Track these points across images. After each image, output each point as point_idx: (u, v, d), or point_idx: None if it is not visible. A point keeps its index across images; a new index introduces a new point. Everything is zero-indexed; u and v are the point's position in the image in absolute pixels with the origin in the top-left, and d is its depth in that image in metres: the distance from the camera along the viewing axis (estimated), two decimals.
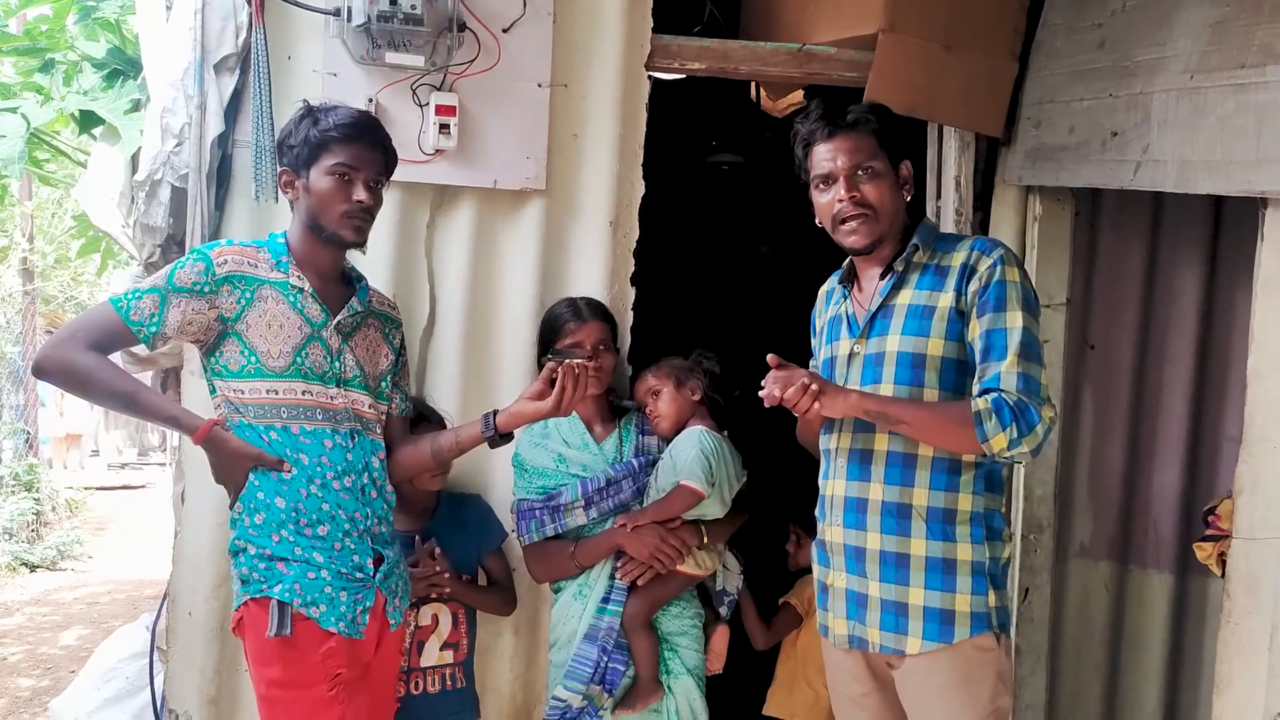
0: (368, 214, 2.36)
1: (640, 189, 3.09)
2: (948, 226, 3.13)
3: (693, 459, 2.66)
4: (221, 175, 2.83)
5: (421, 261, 3.01)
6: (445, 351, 3.01)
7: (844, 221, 2.24)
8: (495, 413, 2.44)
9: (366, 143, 2.36)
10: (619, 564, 2.70)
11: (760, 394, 2.10)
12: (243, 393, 2.33)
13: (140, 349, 2.87)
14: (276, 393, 2.33)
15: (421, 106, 2.91)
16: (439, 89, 2.92)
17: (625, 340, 3.06)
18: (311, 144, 2.32)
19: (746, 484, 2.82)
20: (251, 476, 2.33)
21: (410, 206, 2.98)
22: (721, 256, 5.25)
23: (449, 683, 2.79)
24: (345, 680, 2.29)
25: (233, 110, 2.84)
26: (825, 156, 2.25)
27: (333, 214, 2.33)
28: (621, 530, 2.67)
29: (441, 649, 2.78)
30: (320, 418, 2.36)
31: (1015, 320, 2.15)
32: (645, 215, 3.13)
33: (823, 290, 2.56)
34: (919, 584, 2.18)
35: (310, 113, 2.37)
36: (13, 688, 4.88)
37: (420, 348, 3.01)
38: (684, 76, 5.55)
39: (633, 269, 3.09)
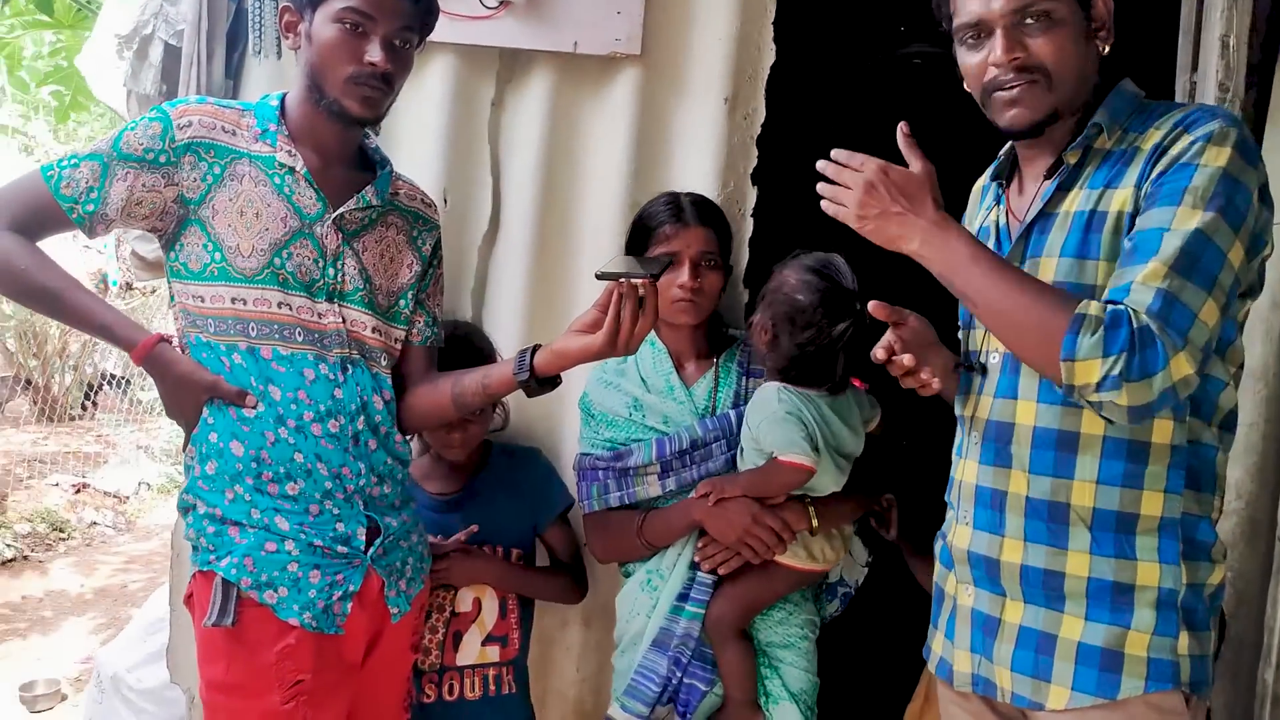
0: (384, 82, 1.75)
1: (770, 55, 2.33)
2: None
3: (776, 424, 1.92)
4: (237, 35, 2.27)
5: (484, 149, 2.37)
6: (510, 264, 2.38)
7: (999, 90, 1.53)
8: (535, 349, 1.78)
9: None
10: (699, 544, 2.00)
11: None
12: (202, 300, 1.76)
13: (149, 248, 2.38)
14: (244, 303, 1.76)
15: None
16: None
17: (741, 257, 2.33)
18: None
19: (892, 455, 2.06)
20: (205, 412, 1.77)
21: (469, 78, 2.34)
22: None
23: (493, 687, 2.18)
24: (309, 689, 1.72)
25: None
26: None
27: (335, 75, 1.73)
28: (701, 502, 1.97)
29: (484, 643, 2.18)
30: (301, 340, 1.77)
31: (1188, 219, 1.38)
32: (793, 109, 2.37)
33: (976, 188, 1.84)
34: (1076, 613, 1.52)
35: None
36: (122, 619, 4.68)
37: (479, 260, 2.38)
38: None
39: (755, 162, 2.34)
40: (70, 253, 6.45)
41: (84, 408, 9.01)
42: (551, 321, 2.33)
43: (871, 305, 1.59)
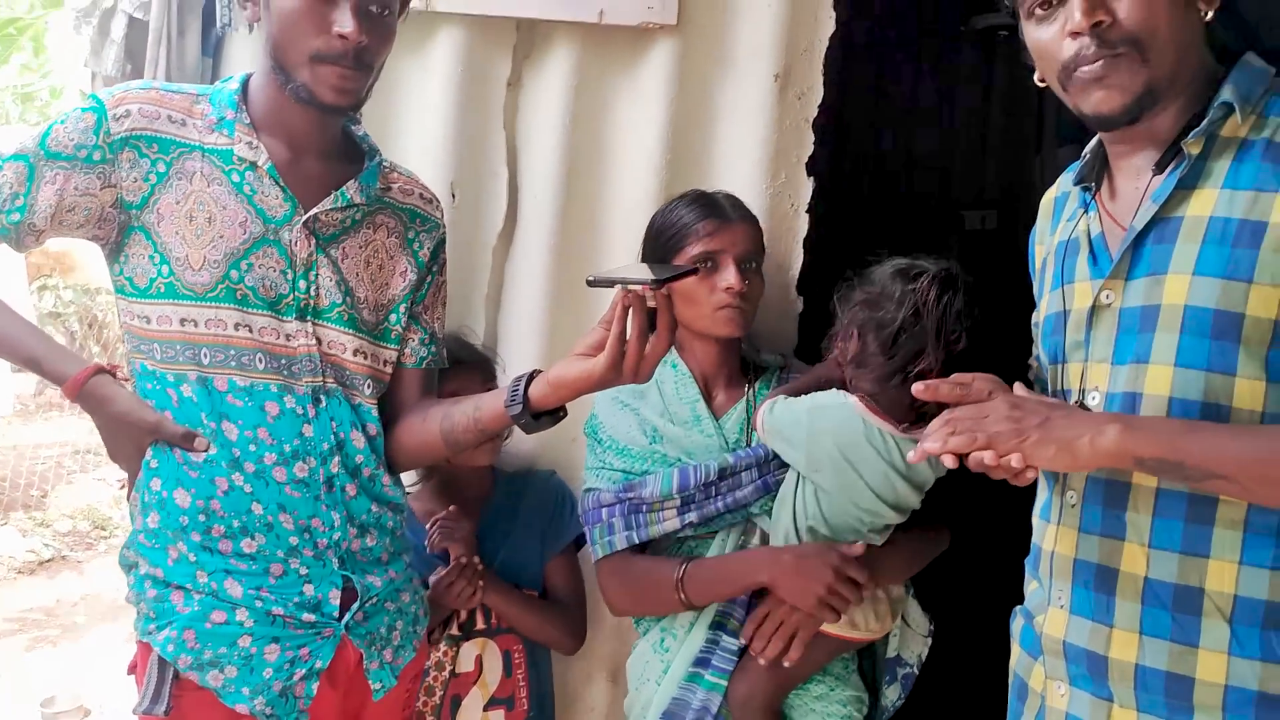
0: (357, 61, 1.44)
1: (829, 25, 2.00)
2: None
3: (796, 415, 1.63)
4: (215, 6, 2.00)
5: (498, 136, 2.07)
6: (529, 268, 2.08)
7: (1080, 68, 1.23)
8: (533, 376, 1.47)
9: None
10: (755, 616, 1.66)
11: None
12: (148, 321, 1.49)
13: None
14: (195, 324, 1.48)
15: None
16: None
17: (795, 259, 2.00)
18: None
19: (950, 502, 1.72)
20: (150, 453, 1.49)
21: (481, 54, 2.04)
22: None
23: None
24: None
25: None
26: None
27: (299, 50, 1.44)
28: (770, 558, 1.64)
29: (487, 707, 1.90)
30: (263, 368, 1.49)
31: None
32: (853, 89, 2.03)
33: (1048, 198, 1.51)
34: None
35: None
36: None
37: (494, 263, 2.09)
38: None
39: (811, 149, 2.01)
40: None
41: None
42: (577, 335, 2.02)
43: (917, 388, 1.30)
